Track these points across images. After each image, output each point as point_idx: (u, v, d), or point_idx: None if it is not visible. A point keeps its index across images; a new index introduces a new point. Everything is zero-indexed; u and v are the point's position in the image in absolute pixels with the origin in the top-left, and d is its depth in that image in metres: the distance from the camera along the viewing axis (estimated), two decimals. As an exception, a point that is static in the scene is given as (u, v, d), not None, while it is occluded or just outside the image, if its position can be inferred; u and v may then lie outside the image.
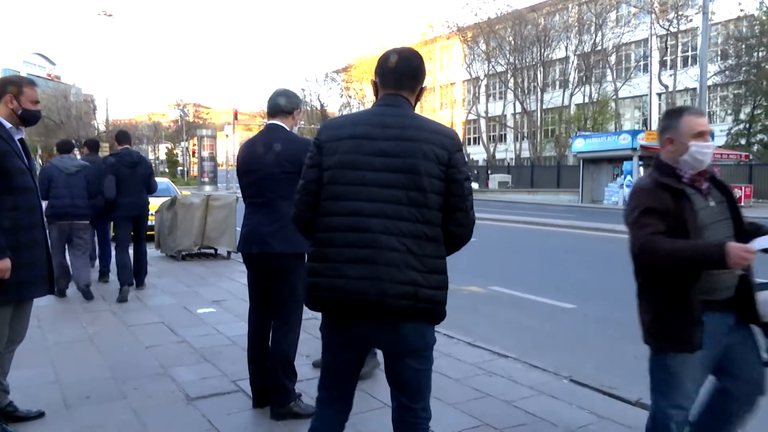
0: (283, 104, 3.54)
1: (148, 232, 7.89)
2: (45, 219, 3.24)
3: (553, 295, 7.46)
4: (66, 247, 6.71)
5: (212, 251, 10.20)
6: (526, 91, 43.80)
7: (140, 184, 7.01)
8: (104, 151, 63.37)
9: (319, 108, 67.56)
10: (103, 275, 7.85)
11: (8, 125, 3.11)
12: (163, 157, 73.83)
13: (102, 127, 70.31)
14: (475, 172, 41.50)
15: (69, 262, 6.80)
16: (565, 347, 5.45)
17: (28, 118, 3.17)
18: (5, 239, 2.97)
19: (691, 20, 33.25)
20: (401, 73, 2.21)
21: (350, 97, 60.36)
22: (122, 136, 7.44)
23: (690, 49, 37.00)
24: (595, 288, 8.23)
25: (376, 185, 2.04)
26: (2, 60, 78.65)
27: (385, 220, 2.01)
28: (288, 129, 3.55)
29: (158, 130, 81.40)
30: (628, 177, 27.02)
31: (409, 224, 2.02)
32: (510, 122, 47.41)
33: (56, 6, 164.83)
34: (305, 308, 2.54)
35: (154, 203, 11.28)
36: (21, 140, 3.21)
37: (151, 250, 10.64)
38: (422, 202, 2.02)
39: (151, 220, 11.32)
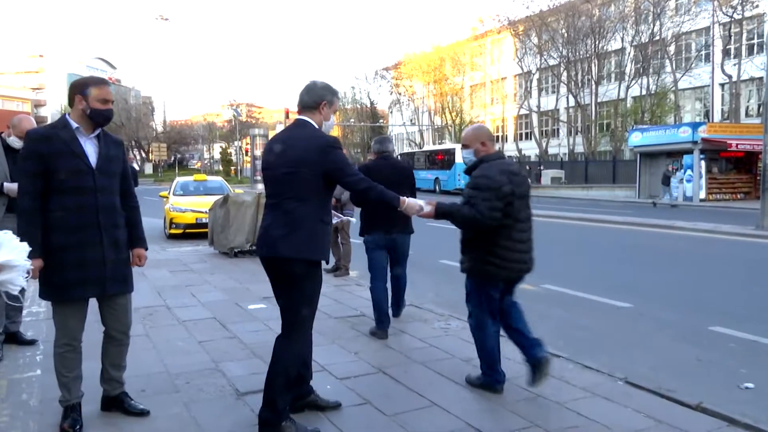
0: (305, 99, 3.32)
1: (203, 230, 11.56)
2: (102, 220, 3.19)
3: (607, 294, 7.23)
4: None
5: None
6: (579, 85, 42.65)
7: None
8: (162, 151, 64.69)
9: (368, 106, 67.84)
10: None
11: (74, 125, 3.16)
12: (217, 156, 75.74)
13: (159, 128, 72.80)
14: (527, 168, 40.77)
15: None
16: (620, 347, 5.26)
17: (94, 117, 3.18)
18: (50, 239, 3.07)
19: (757, 6, 31.65)
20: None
21: (400, 94, 60.29)
22: None
23: (756, 36, 35.16)
24: (653, 286, 7.92)
25: None
26: (67, 65, 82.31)
27: None
28: (315, 125, 3.28)
29: (213, 130, 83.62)
30: (689, 171, 26.00)
31: None
32: (563, 116, 46.32)
33: (116, 12, 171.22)
34: (351, 307, 2.49)
35: (208, 201, 11.64)
36: (106, 139, 3.27)
37: (205, 247, 10.95)
38: None
39: (205, 218, 11.69)
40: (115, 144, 3.37)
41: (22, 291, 2.92)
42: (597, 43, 40.52)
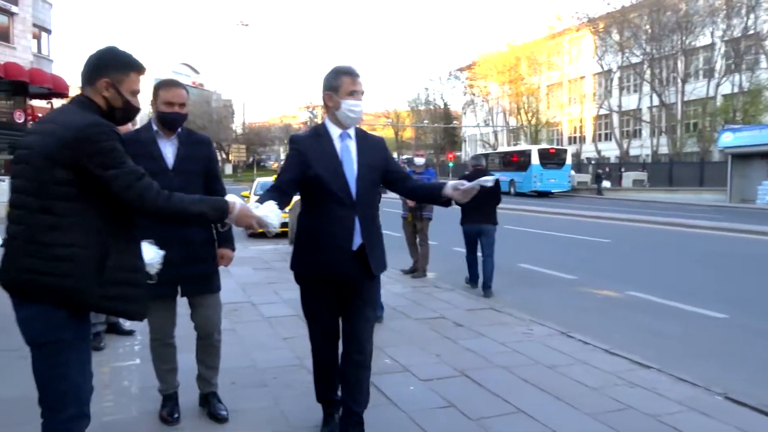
0: None
1: (284, 229, 11.11)
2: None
3: (699, 303, 6.88)
4: None
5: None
6: (664, 83, 40.76)
7: None
8: (241, 152, 66.52)
9: (442, 107, 67.61)
10: None
11: (155, 128, 3.26)
12: (293, 157, 77.33)
13: (239, 130, 75.43)
14: (607, 169, 39.38)
15: None
16: (715, 360, 4.99)
17: (161, 121, 3.23)
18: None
19: None
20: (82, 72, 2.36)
21: (474, 95, 59.69)
22: None
23: None
24: (750, 296, 7.47)
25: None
26: (155, 71, 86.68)
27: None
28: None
29: (289, 132, 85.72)
30: (786, 174, 24.34)
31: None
32: (646, 116, 44.39)
33: (201, 19, 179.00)
34: (429, 308, 2.45)
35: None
36: (188, 139, 3.30)
37: (284, 246, 11.24)
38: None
39: (286, 218, 11.98)
40: (197, 143, 3.36)
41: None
42: (684, 38, 38.59)
